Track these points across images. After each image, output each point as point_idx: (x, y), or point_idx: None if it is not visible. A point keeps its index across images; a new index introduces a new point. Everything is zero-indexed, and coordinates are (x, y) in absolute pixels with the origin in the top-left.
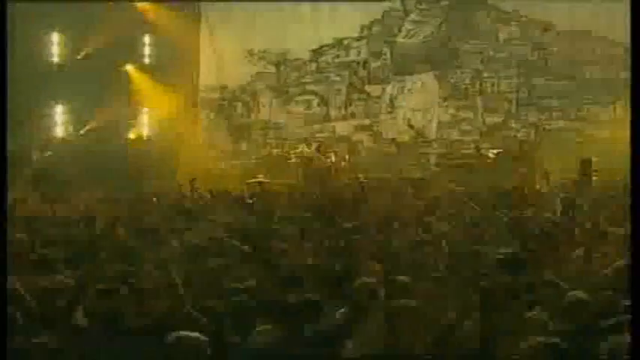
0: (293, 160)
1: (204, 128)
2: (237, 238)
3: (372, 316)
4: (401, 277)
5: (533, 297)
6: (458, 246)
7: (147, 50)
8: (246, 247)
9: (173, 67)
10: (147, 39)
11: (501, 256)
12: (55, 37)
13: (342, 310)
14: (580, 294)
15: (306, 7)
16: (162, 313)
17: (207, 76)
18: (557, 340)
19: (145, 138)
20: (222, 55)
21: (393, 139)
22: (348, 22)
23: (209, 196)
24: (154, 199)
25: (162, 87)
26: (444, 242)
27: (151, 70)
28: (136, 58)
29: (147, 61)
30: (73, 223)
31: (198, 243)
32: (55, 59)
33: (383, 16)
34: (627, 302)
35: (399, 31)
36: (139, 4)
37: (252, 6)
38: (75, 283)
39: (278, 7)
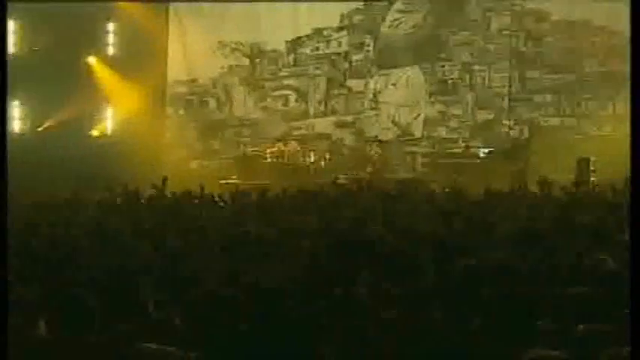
0: (269, 160)
1: (172, 125)
2: (209, 242)
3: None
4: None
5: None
6: (444, 252)
7: (110, 39)
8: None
9: (139, 59)
10: (110, 27)
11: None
12: (11, 25)
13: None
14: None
15: None
16: (129, 324)
17: (176, 69)
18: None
19: (108, 135)
20: (192, 46)
21: (377, 137)
22: (327, 11)
23: (178, 197)
24: (118, 200)
25: (127, 80)
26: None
27: (115, 62)
28: (99, 49)
29: (110, 51)
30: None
31: (172, 247)
32: (11, 49)
33: (365, 5)
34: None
35: (383, 20)
36: None
37: None
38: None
39: None
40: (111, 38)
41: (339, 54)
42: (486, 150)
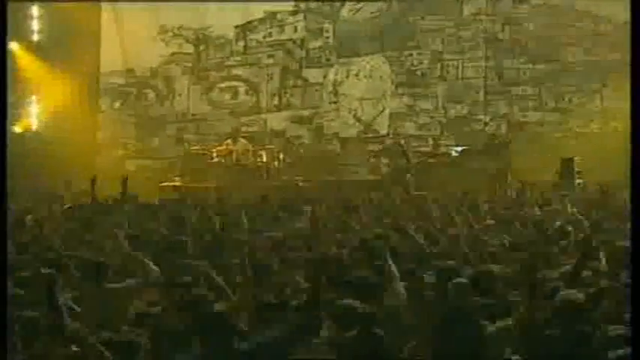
0: (216, 160)
1: (106, 121)
2: (145, 253)
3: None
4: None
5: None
6: (410, 261)
7: (35, 25)
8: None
9: (68, 46)
10: (35, 11)
11: (463, 280)
12: None
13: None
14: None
15: None
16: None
17: (110, 57)
18: None
19: (33, 132)
20: (128, 31)
21: (337, 135)
22: None
23: (111, 202)
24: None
25: (54, 71)
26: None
27: (41, 50)
28: (23, 35)
29: (35, 38)
30: None
31: (97, 259)
32: None
33: None
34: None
35: (343, 4)
36: None
37: None
38: None
39: None
40: (36, 24)
41: (294, 41)
42: (459, 148)
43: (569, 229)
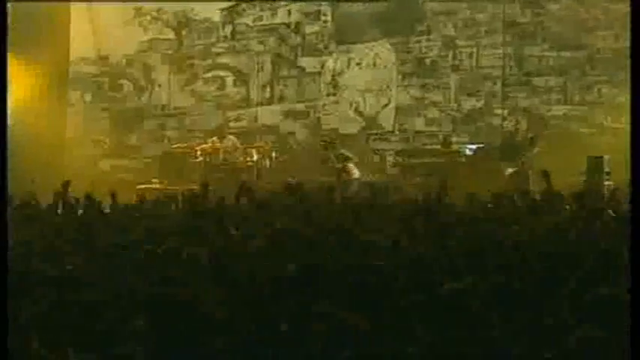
0: (200, 159)
1: (76, 115)
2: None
3: None
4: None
5: None
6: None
7: None
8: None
9: (32, 31)
10: None
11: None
12: None
13: None
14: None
15: None
16: None
17: (80, 43)
18: None
19: None
20: (101, 14)
21: (336, 131)
22: None
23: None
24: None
25: (17, 58)
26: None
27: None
28: None
29: None
30: None
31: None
32: None
33: None
34: None
35: None
36: None
37: None
38: None
39: None
40: None
41: (288, 25)
42: (473, 146)
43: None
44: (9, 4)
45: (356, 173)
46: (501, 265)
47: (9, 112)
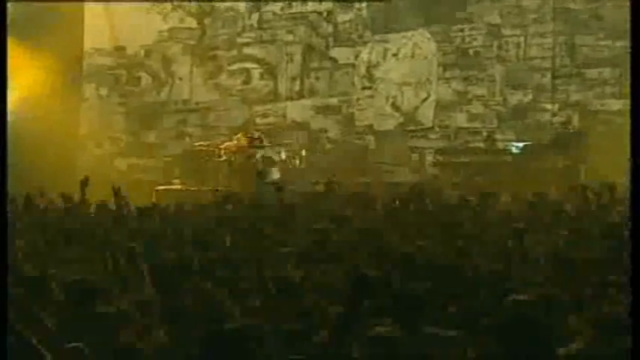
0: (224, 159)
1: (91, 111)
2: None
3: None
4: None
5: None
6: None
7: None
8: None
9: (44, 21)
10: None
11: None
12: None
13: None
14: None
15: None
16: None
17: (96, 33)
18: None
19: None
20: (118, 2)
21: (371, 127)
22: None
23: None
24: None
25: (28, 50)
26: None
27: (14, 26)
28: None
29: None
30: None
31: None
32: None
33: None
34: None
35: None
36: None
37: None
38: None
39: None
40: None
41: (319, 13)
42: (520, 144)
43: None
44: (9, 4)
45: (275, 176)
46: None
47: (16, 107)
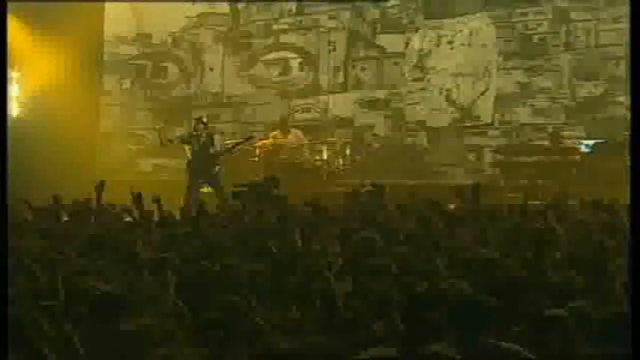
0: (259, 158)
1: (111, 104)
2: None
3: None
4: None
5: None
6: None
7: None
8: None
9: (60, 5)
10: None
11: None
12: None
13: None
14: None
15: None
16: None
17: (116, 19)
18: None
19: (13, 120)
20: None
21: (423, 123)
22: None
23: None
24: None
25: (43, 38)
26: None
27: (26, 12)
28: None
29: None
30: None
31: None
32: None
33: None
34: None
35: None
36: None
37: None
38: None
39: None
40: None
41: None
42: (590, 142)
43: None
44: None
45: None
46: None
47: (28, 102)
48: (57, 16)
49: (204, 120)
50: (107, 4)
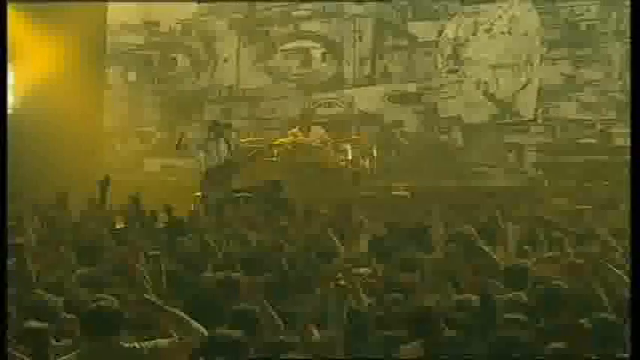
0: (277, 158)
1: (116, 99)
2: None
3: None
4: None
5: None
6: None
7: None
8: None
9: None
10: None
11: None
12: None
13: None
14: None
15: None
16: None
17: (121, 6)
18: None
19: (12, 114)
20: None
21: (459, 119)
22: None
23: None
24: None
25: (39, 26)
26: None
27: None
28: None
29: None
30: None
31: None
32: None
33: None
34: None
35: None
36: None
37: None
38: None
39: None
40: None
41: None
42: None
43: None
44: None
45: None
46: None
47: (26, 97)
48: (56, 3)
49: (221, 123)
50: None
